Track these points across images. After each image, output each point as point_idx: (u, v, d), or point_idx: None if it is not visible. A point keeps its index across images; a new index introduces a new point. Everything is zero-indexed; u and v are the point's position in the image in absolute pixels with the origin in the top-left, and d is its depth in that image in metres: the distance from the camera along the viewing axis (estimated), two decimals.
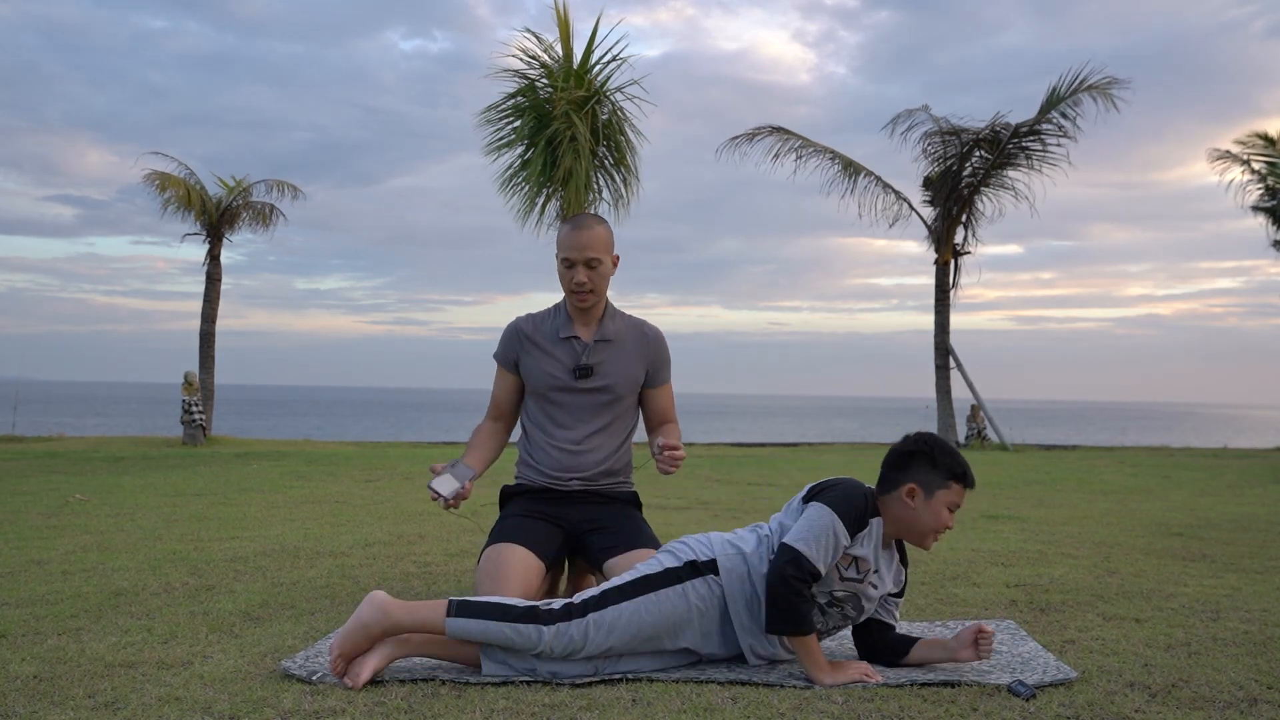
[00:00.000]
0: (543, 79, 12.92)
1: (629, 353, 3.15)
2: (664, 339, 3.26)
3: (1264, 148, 16.71)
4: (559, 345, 3.12)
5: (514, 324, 3.21)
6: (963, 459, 2.45)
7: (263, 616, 2.98)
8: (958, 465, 2.43)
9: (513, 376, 3.19)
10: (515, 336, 3.18)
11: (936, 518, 2.41)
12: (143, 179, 16.57)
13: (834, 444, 18.81)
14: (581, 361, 3.09)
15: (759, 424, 61.96)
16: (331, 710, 2.07)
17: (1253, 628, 2.89)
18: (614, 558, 2.95)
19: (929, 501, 2.41)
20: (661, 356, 3.23)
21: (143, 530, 4.86)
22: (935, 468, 2.42)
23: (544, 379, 3.11)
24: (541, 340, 3.14)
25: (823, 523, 2.33)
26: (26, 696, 2.15)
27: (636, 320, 3.24)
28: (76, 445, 13.57)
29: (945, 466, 2.42)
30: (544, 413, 3.15)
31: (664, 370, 3.24)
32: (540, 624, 2.29)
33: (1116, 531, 5.13)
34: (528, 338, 3.15)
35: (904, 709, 2.11)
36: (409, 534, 4.79)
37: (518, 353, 3.16)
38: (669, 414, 3.26)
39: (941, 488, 2.41)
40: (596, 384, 3.10)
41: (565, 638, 2.29)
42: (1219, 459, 13.01)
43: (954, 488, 2.42)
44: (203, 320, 17.18)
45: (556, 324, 3.16)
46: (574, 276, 3.05)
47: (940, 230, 16.67)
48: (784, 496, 6.98)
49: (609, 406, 3.12)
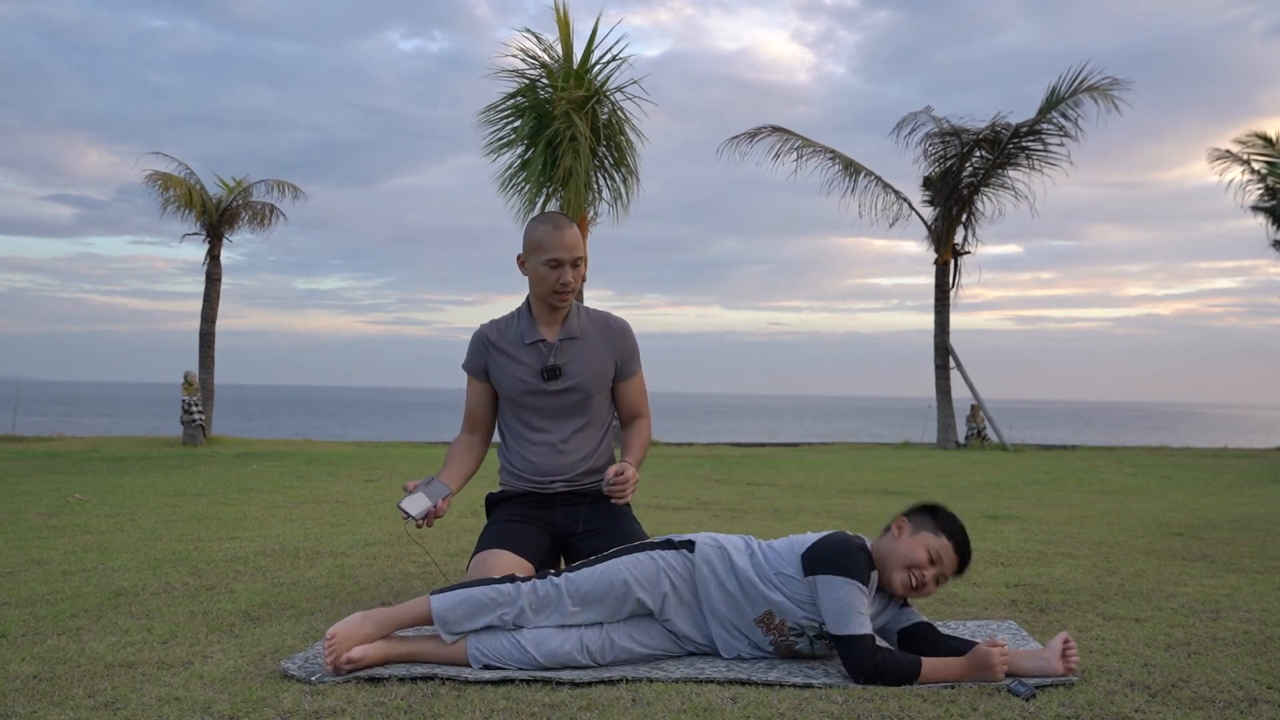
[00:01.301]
0: (543, 79, 12.92)
1: (595, 348, 3.12)
2: (630, 329, 3.22)
3: (1264, 148, 16.72)
4: (525, 350, 3.10)
5: (479, 332, 3.18)
6: (964, 530, 2.46)
7: (262, 616, 2.98)
8: (956, 526, 2.45)
9: (484, 385, 3.16)
10: (481, 344, 3.15)
11: (910, 551, 2.40)
12: (145, 179, 16.58)
13: (834, 444, 18.80)
14: (549, 363, 3.07)
15: (759, 424, 61.94)
16: (331, 710, 2.07)
17: (1253, 628, 2.89)
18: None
19: (911, 538, 2.43)
20: (628, 347, 3.19)
21: (143, 530, 4.86)
22: (934, 518, 2.45)
23: (514, 384, 3.09)
24: (507, 346, 3.11)
25: (848, 595, 2.32)
26: (26, 696, 2.15)
27: (600, 314, 3.21)
28: (76, 445, 13.56)
29: (945, 520, 2.45)
30: (518, 418, 3.13)
31: (633, 362, 3.20)
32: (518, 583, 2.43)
33: (1116, 531, 5.13)
34: (493, 345, 3.13)
35: (904, 709, 2.11)
36: (409, 534, 4.78)
37: (485, 360, 3.14)
38: (640, 408, 3.24)
39: (929, 532, 2.43)
40: (566, 384, 3.08)
41: (541, 592, 2.41)
42: (1219, 459, 13.01)
43: (942, 539, 2.42)
44: (202, 320, 17.18)
45: (520, 328, 3.12)
46: (561, 276, 3.01)
47: (940, 230, 16.68)
48: (784, 496, 6.98)
49: (582, 405, 3.11)
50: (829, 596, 2.34)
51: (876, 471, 9.67)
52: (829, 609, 2.34)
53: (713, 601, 2.45)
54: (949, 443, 16.20)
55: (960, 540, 2.43)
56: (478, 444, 3.20)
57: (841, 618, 2.31)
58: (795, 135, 16.25)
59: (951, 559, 2.42)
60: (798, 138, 16.26)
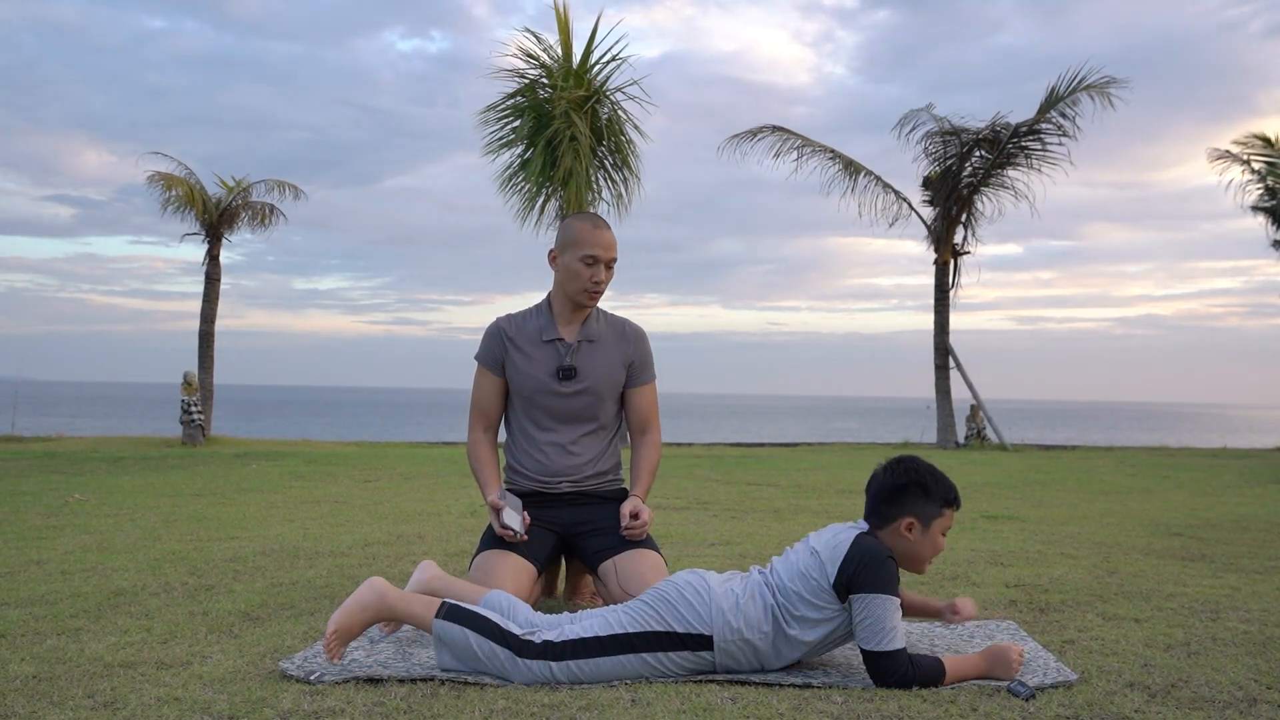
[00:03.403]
0: (542, 79, 12.91)
1: (610, 353, 3.12)
2: (645, 338, 3.22)
3: (1263, 148, 16.71)
4: (542, 347, 3.09)
5: (496, 325, 3.16)
6: (949, 481, 2.45)
7: (262, 616, 2.97)
8: (949, 490, 2.44)
9: (498, 379, 3.14)
10: (499, 337, 3.13)
11: (934, 546, 2.42)
12: (146, 179, 16.54)
13: (834, 444, 18.79)
14: (565, 363, 3.07)
15: (759, 424, 61.94)
16: (331, 710, 2.07)
17: (1253, 628, 2.89)
18: (608, 560, 2.96)
19: (927, 532, 2.42)
20: (642, 355, 3.18)
21: (142, 530, 4.86)
22: (929, 497, 2.42)
23: (528, 381, 3.08)
24: (524, 343, 3.11)
25: (886, 612, 2.28)
26: (26, 696, 2.15)
27: (619, 320, 3.21)
28: (75, 445, 13.55)
29: (939, 495, 2.42)
30: (529, 417, 3.12)
31: (645, 370, 3.19)
32: (515, 654, 2.29)
33: (1116, 531, 5.13)
34: (510, 339, 3.12)
35: (904, 709, 2.10)
36: (409, 534, 4.79)
37: (502, 355, 3.12)
38: (649, 420, 3.21)
39: (937, 517, 2.42)
40: (579, 386, 3.07)
41: (536, 674, 2.28)
42: (1219, 459, 13.01)
43: (947, 514, 2.43)
44: (202, 320, 17.16)
45: (539, 324, 3.12)
46: (594, 275, 3.02)
47: (940, 230, 16.67)
48: (784, 496, 6.97)
49: (593, 409, 3.10)
50: (869, 615, 2.28)
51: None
52: (867, 626, 2.28)
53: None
54: (949, 443, 16.20)
55: (958, 501, 2.44)
56: (494, 442, 3.19)
57: (879, 635, 2.27)
58: (795, 135, 16.24)
59: (953, 517, 2.46)
60: (798, 137, 16.26)
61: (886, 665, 2.26)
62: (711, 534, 4.88)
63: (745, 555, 4.18)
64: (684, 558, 4.03)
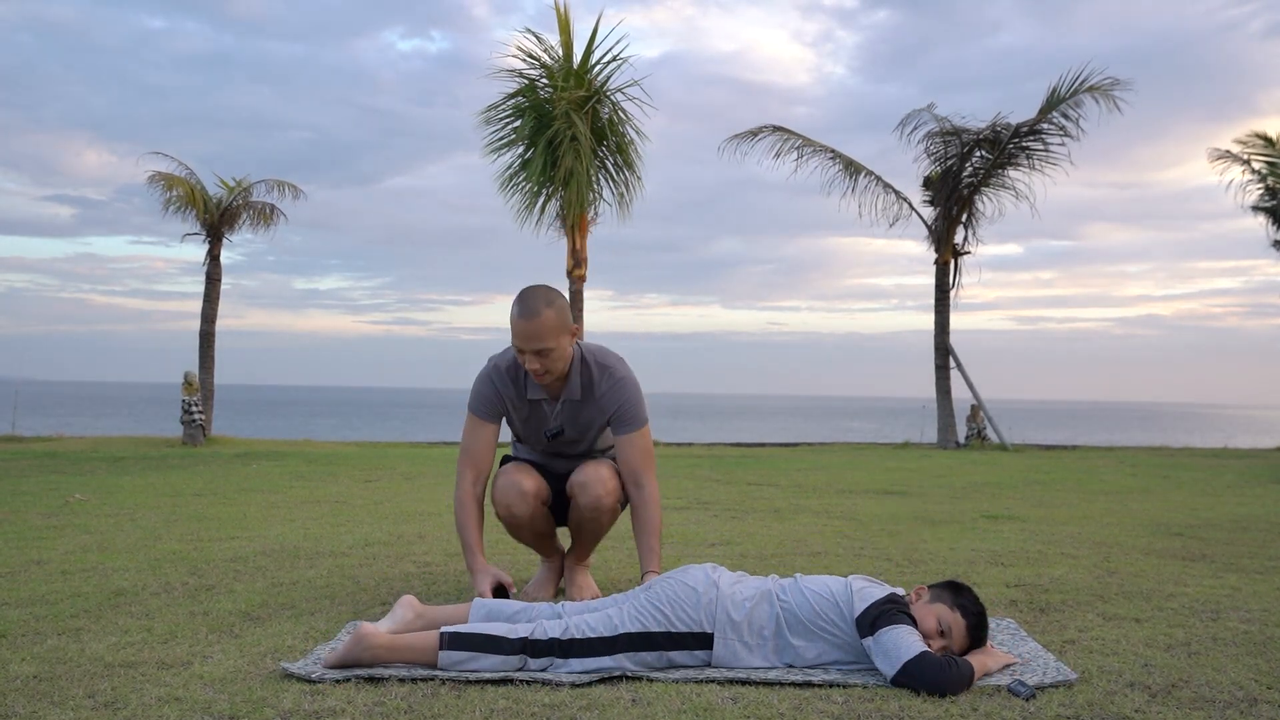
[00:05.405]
0: (543, 79, 12.91)
1: (590, 410, 3.13)
2: (625, 384, 3.08)
3: (1264, 148, 16.70)
4: (529, 405, 3.14)
5: (490, 381, 3.12)
6: (982, 612, 2.45)
7: (262, 617, 2.98)
8: (974, 606, 2.44)
9: (493, 426, 3.16)
10: (496, 395, 3.13)
11: (922, 619, 2.40)
12: (148, 180, 16.54)
13: (834, 444, 18.79)
14: (550, 428, 3.16)
15: (759, 424, 61.91)
16: (331, 710, 2.07)
17: (1253, 628, 2.89)
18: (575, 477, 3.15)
19: (926, 605, 2.44)
20: (620, 405, 3.08)
21: (142, 530, 4.86)
22: (954, 593, 2.47)
23: (522, 429, 3.25)
24: (513, 399, 3.14)
25: (901, 634, 2.29)
26: (26, 696, 2.15)
27: (598, 369, 3.09)
28: (76, 445, 13.56)
29: (963, 597, 2.46)
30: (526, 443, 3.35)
31: (629, 419, 3.08)
32: (526, 655, 2.35)
33: (1116, 531, 5.13)
34: (504, 397, 3.14)
35: (904, 709, 2.10)
36: (409, 534, 4.79)
37: (502, 410, 3.16)
38: (640, 474, 3.08)
39: (945, 604, 2.44)
40: (569, 438, 3.20)
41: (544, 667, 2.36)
42: (1219, 459, 13.00)
43: (955, 615, 2.42)
44: (202, 320, 17.16)
45: (526, 381, 3.11)
46: (525, 363, 2.96)
47: (940, 230, 16.66)
48: (784, 496, 6.97)
49: (589, 445, 3.26)
50: (893, 644, 2.28)
51: (876, 471, 9.66)
52: (886, 652, 2.28)
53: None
54: (949, 443, 16.19)
55: (975, 620, 2.42)
56: (481, 496, 3.16)
57: (899, 650, 2.26)
58: (795, 135, 16.24)
59: (962, 635, 2.40)
60: (798, 137, 16.25)
61: (915, 669, 2.23)
62: (712, 534, 4.88)
63: (745, 555, 4.18)
64: (684, 558, 4.03)
